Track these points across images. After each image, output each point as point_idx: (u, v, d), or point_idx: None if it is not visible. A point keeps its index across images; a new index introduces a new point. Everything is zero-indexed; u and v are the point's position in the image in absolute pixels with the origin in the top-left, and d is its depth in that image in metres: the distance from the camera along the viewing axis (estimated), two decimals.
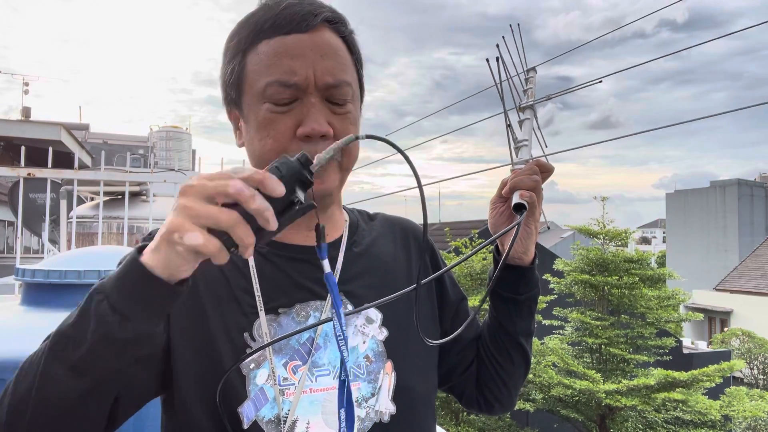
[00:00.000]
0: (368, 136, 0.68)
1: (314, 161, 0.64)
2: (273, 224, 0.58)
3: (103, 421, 0.71)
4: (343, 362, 0.76)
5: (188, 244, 0.56)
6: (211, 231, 0.57)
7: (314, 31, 0.81)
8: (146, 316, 0.61)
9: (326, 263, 0.73)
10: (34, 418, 0.64)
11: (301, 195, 0.61)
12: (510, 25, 1.12)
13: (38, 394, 0.63)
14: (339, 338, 0.74)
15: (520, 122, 1.09)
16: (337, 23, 0.85)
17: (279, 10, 0.81)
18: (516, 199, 0.92)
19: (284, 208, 0.60)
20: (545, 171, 0.96)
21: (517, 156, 1.04)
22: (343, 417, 0.77)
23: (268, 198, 0.58)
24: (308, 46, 0.80)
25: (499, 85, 1.04)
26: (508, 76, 1.08)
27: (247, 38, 0.83)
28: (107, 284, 0.62)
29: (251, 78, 0.82)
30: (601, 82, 1.17)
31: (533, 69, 1.20)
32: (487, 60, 1.04)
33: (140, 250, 0.61)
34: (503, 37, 1.09)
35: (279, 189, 0.58)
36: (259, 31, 0.82)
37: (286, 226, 0.62)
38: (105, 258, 1.98)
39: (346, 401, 0.77)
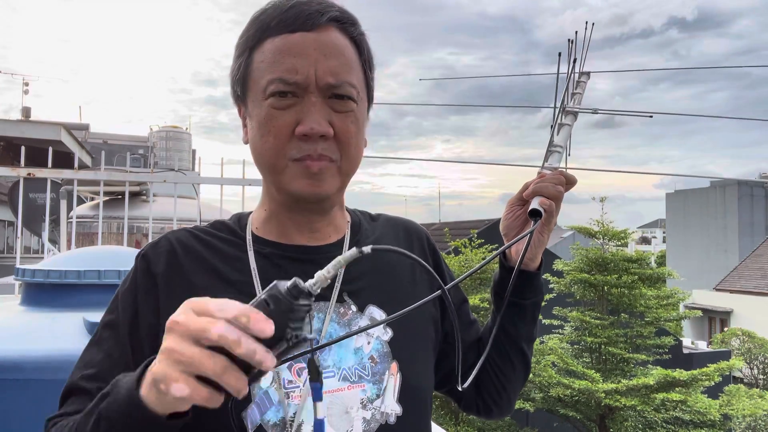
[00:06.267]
0: (373, 249, 0.64)
1: (314, 280, 0.60)
2: (267, 363, 0.54)
3: None
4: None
5: (174, 396, 0.55)
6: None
7: (320, 30, 0.81)
8: None
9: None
10: None
11: (295, 328, 0.57)
12: (586, 22, 1.09)
13: None
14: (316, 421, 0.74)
15: (560, 126, 1.05)
16: (345, 23, 0.84)
17: (286, 8, 0.81)
18: (535, 204, 0.89)
19: (276, 344, 0.56)
20: (569, 183, 0.96)
21: (546, 161, 1.01)
22: None
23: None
24: (312, 44, 0.80)
25: (567, 83, 1.04)
26: (566, 74, 1.05)
27: (254, 36, 0.83)
28: (113, 412, 0.63)
29: (255, 75, 0.83)
30: (651, 117, 1.09)
31: (586, 74, 1.13)
32: (559, 54, 1.04)
33: (147, 366, 0.61)
34: (569, 40, 1.06)
35: (267, 329, 0.54)
36: (265, 28, 0.82)
37: (281, 362, 0.58)
38: (105, 258, 1.98)
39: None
